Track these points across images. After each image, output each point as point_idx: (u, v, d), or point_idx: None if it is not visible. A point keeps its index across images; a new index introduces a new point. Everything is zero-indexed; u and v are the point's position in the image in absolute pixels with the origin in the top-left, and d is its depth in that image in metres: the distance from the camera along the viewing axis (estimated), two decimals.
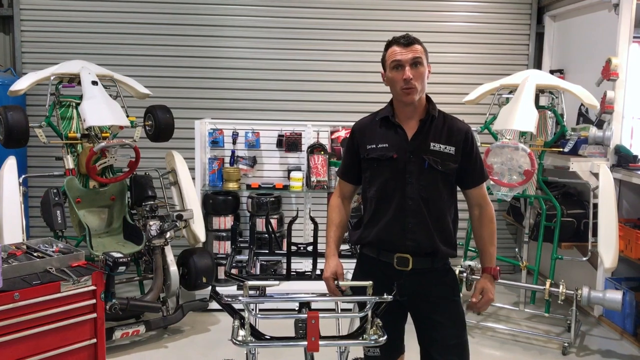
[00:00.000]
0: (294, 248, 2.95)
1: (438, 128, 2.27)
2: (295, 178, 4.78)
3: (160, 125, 4.37)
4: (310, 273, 2.79)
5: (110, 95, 4.15)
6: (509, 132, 4.29)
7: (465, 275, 4.13)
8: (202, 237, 4.44)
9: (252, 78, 5.54)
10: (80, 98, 4.06)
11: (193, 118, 4.89)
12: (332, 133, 4.96)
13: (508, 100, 4.37)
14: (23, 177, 4.07)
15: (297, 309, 2.19)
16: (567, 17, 5.43)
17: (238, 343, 1.95)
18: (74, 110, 4.22)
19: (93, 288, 2.80)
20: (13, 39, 5.40)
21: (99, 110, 3.93)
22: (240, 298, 1.99)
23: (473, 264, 4.16)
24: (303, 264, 4.57)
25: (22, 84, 4.14)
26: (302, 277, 2.84)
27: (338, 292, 2.30)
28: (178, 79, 5.50)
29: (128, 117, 4.19)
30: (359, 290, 2.25)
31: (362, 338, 2.02)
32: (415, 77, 2.19)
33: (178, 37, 5.46)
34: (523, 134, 4.34)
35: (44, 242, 3.11)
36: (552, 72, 5.24)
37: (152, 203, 4.24)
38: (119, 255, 2.84)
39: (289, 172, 4.89)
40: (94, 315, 2.82)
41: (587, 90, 4.32)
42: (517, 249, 5.17)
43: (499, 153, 4.10)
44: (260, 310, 2.73)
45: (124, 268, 2.85)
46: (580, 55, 5.17)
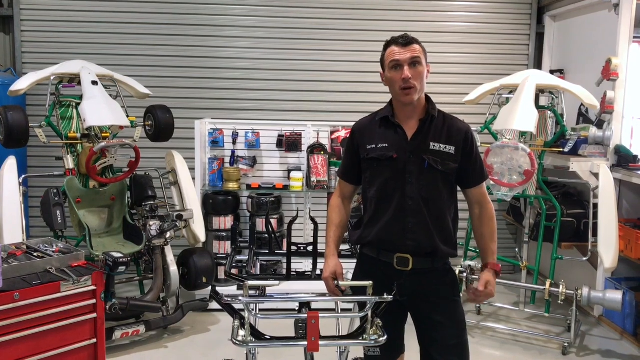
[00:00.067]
0: (294, 248, 2.94)
1: (438, 128, 2.27)
2: (295, 178, 4.78)
3: (160, 125, 4.37)
4: (310, 273, 2.79)
5: (110, 95, 4.15)
6: (509, 132, 4.29)
7: (465, 275, 4.12)
8: (202, 237, 4.44)
9: (252, 78, 5.54)
10: (81, 98, 4.06)
11: (193, 118, 4.89)
12: (332, 133, 4.95)
13: (508, 100, 4.37)
14: (23, 177, 4.07)
15: (297, 309, 2.19)
16: (567, 17, 5.43)
17: (238, 343, 1.95)
18: (74, 110, 4.22)
19: (93, 288, 2.80)
20: (13, 39, 5.40)
21: (99, 110, 3.94)
22: (240, 298, 1.99)
23: (473, 264, 4.16)
24: (303, 264, 4.57)
25: (22, 84, 4.14)
26: (302, 277, 2.83)
27: (338, 292, 2.30)
28: (178, 79, 5.50)
29: (128, 117, 4.19)
30: (359, 290, 2.25)
31: (362, 338, 2.02)
32: (414, 76, 2.19)
33: (178, 37, 5.46)
34: (523, 134, 4.34)
35: (44, 242, 3.11)
36: (552, 72, 5.24)
37: (152, 203, 4.25)
38: (119, 255, 2.84)
39: (289, 172, 4.89)
40: (94, 315, 2.82)
41: (587, 90, 4.32)
42: (517, 249, 5.17)
43: (499, 153, 4.10)
44: (260, 310, 2.73)
45: (124, 268, 2.85)
46: (581, 56, 5.17)
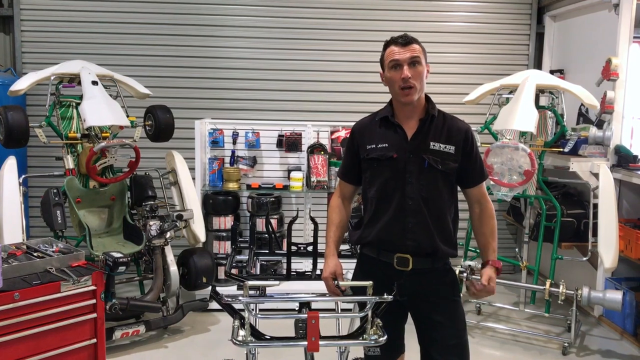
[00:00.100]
0: (294, 248, 2.94)
1: (438, 127, 2.27)
2: (296, 178, 4.78)
3: (161, 125, 4.37)
4: (310, 273, 2.79)
5: (111, 95, 4.15)
6: (509, 132, 4.29)
7: (466, 275, 4.10)
8: (202, 237, 4.44)
9: (252, 78, 5.54)
10: (81, 98, 4.06)
11: (193, 118, 4.89)
12: (332, 133, 4.95)
13: (508, 100, 4.37)
14: (23, 177, 4.07)
15: (297, 309, 2.19)
16: (567, 17, 5.43)
17: (238, 343, 1.95)
18: (74, 110, 4.22)
19: (93, 288, 2.80)
20: (13, 39, 5.40)
21: (99, 110, 3.94)
22: (241, 298, 1.99)
23: (473, 264, 4.14)
24: (303, 264, 4.57)
25: (22, 84, 4.14)
26: (302, 277, 2.83)
27: (338, 292, 2.30)
28: (178, 79, 5.49)
29: (128, 117, 4.19)
30: (359, 290, 2.25)
31: (362, 338, 2.02)
32: (414, 76, 2.19)
33: (178, 37, 5.46)
34: (523, 134, 4.34)
35: (44, 242, 3.11)
36: (552, 72, 5.24)
37: (152, 203, 4.25)
38: (119, 255, 2.84)
39: (289, 172, 4.89)
40: (94, 315, 2.82)
41: (587, 90, 4.32)
42: (517, 249, 5.17)
43: (499, 153, 4.10)
44: (261, 310, 2.73)
45: (124, 268, 2.85)
46: (581, 56, 5.17)
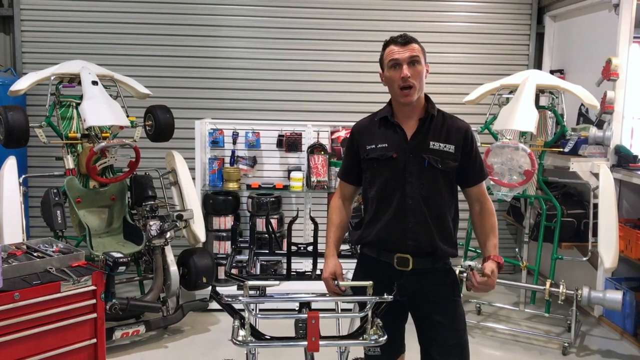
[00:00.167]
0: (294, 248, 2.94)
1: (437, 127, 2.27)
2: (296, 178, 4.78)
3: (161, 125, 4.37)
4: (311, 273, 2.79)
5: (111, 95, 4.15)
6: (509, 132, 4.29)
7: (466, 275, 4.11)
8: (202, 237, 4.44)
9: (252, 78, 5.54)
10: (81, 98, 4.06)
11: (193, 118, 4.89)
12: (332, 133, 4.95)
13: (508, 101, 4.37)
14: (23, 177, 4.06)
15: (297, 309, 2.18)
16: (567, 17, 5.43)
17: (238, 343, 1.95)
18: (74, 110, 4.22)
19: (93, 288, 2.80)
20: (13, 39, 5.40)
21: (99, 110, 3.94)
22: (241, 298, 1.99)
23: (473, 264, 4.15)
24: (303, 264, 4.57)
25: (22, 84, 4.14)
26: (302, 277, 2.83)
27: (338, 291, 2.30)
28: (178, 79, 5.49)
29: (128, 117, 4.19)
30: (359, 290, 2.25)
31: (362, 338, 2.02)
32: (413, 75, 2.19)
33: (178, 37, 5.46)
34: (523, 134, 4.34)
35: (44, 242, 3.11)
36: (552, 72, 5.24)
37: (152, 203, 4.24)
38: (119, 255, 2.84)
39: (289, 172, 4.89)
40: (94, 315, 2.82)
41: (587, 91, 4.32)
42: (517, 249, 5.17)
43: (499, 153, 4.10)
44: (261, 310, 2.73)
45: (124, 268, 2.85)
46: (581, 56, 5.17)
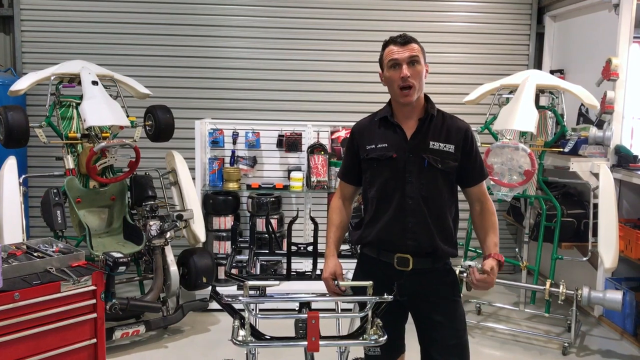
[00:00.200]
0: (294, 248, 2.94)
1: (437, 127, 2.27)
2: (296, 178, 4.78)
3: (161, 125, 4.37)
4: (311, 273, 2.79)
5: (111, 95, 4.15)
6: (509, 132, 4.29)
7: (466, 275, 4.11)
8: (202, 237, 4.44)
9: (252, 78, 5.54)
10: (81, 98, 4.06)
11: (193, 118, 4.89)
12: (332, 133, 4.95)
13: (508, 101, 4.37)
14: (23, 177, 4.06)
15: (297, 309, 2.19)
16: (567, 17, 5.43)
17: (238, 343, 1.95)
18: (74, 110, 4.22)
19: (93, 288, 2.80)
20: (13, 39, 5.40)
21: (99, 110, 3.94)
22: (241, 298, 1.99)
23: (473, 264, 4.15)
24: (303, 264, 4.57)
25: (22, 84, 4.14)
26: (302, 277, 2.83)
27: (338, 292, 2.30)
28: (178, 79, 5.49)
29: (128, 117, 4.19)
30: (360, 290, 2.25)
31: (362, 338, 2.02)
32: (413, 75, 2.19)
33: (178, 37, 5.46)
34: (523, 134, 4.34)
35: (44, 242, 3.11)
36: (552, 72, 5.24)
37: (152, 203, 4.24)
38: (119, 255, 2.84)
39: (289, 172, 4.89)
40: (94, 315, 2.82)
41: (587, 91, 4.32)
42: (517, 249, 5.17)
43: (499, 153, 4.10)
44: (261, 310, 2.73)
45: (124, 268, 2.85)
46: (581, 56, 5.17)
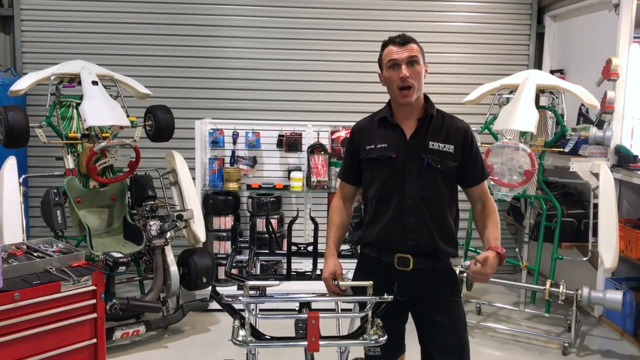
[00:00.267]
0: (294, 248, 2.94)
1: (436, 127, 2.27)
2: (296, 178, 4.78)
3: (161, 125, 4.37)
4: (311, 273, 2.79)
5: (111, 95, 4.15)
6: (510, 132, 4.29)
7: (466, 275, 4.11)
8: (202, 237, 4.44)
9: (252, 78, 5.54)
10: (81, 98, 4.06)
11: (193, 118, 4.89)
12: (332, 133, 4.95)
13: (508, 101, 4.37)
14: (23, 177, 4.06)
15: (297, 309, 2.19)
16: (567, 17, 5.43)
17: (238, 343, 1.95)
18: (74, 110, 4.22)
19: (93, 288, 2.80)
20: (13, 39, 5.40)
21: (99, 110, 3.94)
22: (241, 298, 1.99)
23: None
24: (303, 264, 4.57)
25: (22, 84, 4.14)
26: (302, 277, 2.83)
27: (338, 292, 2.30)
28: (178, 79, 5.49)
29: (128, 117, 4.19)
30: (360, 290, 2.25)
31: (362, 338, 2.02)
32: (412, 75, 2.19)
33: (178, 37, 5.46)
34: (523, 134, 4.34)
35: (44, 242, 3.11)
36: (552, 72, 5.24)
37: (152, 203, 4.24)
38: (119, 255, 2.84)
39: (289, 172, 4.89)
40: (94, 315, 2.82)
41: (587, 91, 4.32)
42: (517, 249, 5.17)
43: (500, 153, 4.10)
44: (261, 310, 2.73)
45: (124, 268, 2.85)
46: (581, 56, 5.17)
